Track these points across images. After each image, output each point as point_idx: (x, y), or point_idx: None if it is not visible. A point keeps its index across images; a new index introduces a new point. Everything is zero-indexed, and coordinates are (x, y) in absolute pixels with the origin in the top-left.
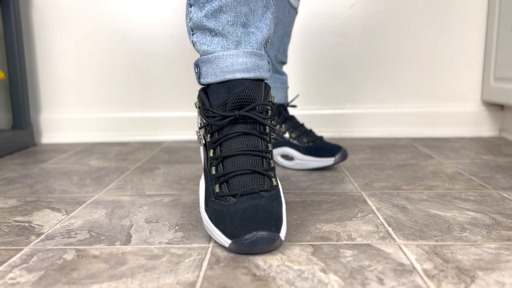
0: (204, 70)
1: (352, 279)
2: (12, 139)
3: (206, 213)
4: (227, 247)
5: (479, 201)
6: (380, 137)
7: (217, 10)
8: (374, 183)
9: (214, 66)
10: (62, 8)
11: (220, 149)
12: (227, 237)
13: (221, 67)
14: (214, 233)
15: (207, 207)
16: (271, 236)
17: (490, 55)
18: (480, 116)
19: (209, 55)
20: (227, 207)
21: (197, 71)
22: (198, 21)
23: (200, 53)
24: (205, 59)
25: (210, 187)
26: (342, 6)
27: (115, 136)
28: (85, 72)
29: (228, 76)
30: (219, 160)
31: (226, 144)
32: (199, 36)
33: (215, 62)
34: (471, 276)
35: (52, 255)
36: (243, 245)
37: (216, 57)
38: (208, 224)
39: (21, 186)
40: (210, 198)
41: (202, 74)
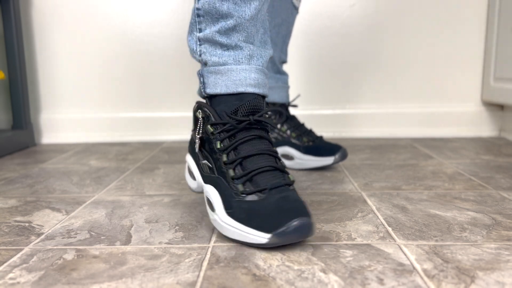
0: (211, 81)
1: (352, 279)
2: (12, 139)
3: (230, 216)
4: (266, 242)
5: (479, 201)
6: (380, 137)
7: (231, 29)
8: (374, 183)
9: (225, 78)
10: (62, 8)
11: (236, 152)
12: (265, 232)
13: (234, 80)
14: (245, 233)
15: (231, 210)
16: (311, 221)
17: (490, 55)
18: (480, 116)
19: (220, 66)
20: (258, 203)
21: (202, 81)
22: (210, 35)
23: (209, 64)
24: (214, 70)
25: (228, 190)
26: (342, 6)
27: (115, 136)
28: (85, 72)
29: (241, 89)
30: (237, 162)
31: (242, 147)
32: (208, 47)
33: (227, 74)
34: (471, 276)
35: (52, 255)
36: (286, 235)
37: (229, 70)
38: (235, 227)
39: (21, 186)
40: (232, 199)
41: (208, 85)
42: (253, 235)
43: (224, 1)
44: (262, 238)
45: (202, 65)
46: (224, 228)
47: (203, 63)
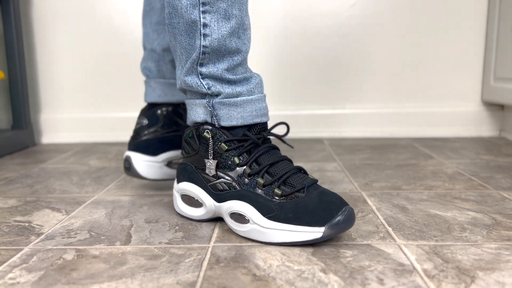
0: (224, 113)
1: (352, 279)
2: (12, 139)
3: (274, 220)
4: (321, 236)
5: (479, 201)
6: (380, 137)
7: (238, 65)
8: (374, 183)
9: (240, 109)
10: (62, 8)
11: (257, 163)
12: (318, 226)
13: (250, 111)
14: (297, 232)
15: (272, 213)
16: (353, 210)
17: (490, 55)
18: (480, 116)
19: (234, 98)
20: (302, 201)
21: (215, 114)
22: (218, 73)
23: (222, 95)
24: (228, 102)
25: (261, 197)
26: (342, 6)
27: (115, 136)
28: (85, 72)
29: (257, 120)
30: (264, 170)
31: (262, 158)
32: (215, 82)
33: (242, 106)
34: (471, 276)
35: (52, 255)
36: (340, 225)
37: (244, 102)
38: (283, 229)
39: (21, 186)
40: (271, 204)
41: (222, 117)
42: (307, 231)
43: (232, 38)
44: (317, 233)
45: (209, 96)
46: (268, 234)
47: (211, 95)
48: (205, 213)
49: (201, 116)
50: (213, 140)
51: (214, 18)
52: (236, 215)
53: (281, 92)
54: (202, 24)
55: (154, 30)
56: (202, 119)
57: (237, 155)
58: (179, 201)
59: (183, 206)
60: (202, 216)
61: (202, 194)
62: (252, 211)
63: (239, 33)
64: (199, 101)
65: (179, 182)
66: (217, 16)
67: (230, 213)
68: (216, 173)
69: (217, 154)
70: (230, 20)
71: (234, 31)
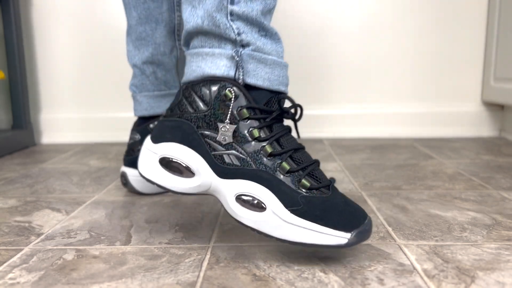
0: (252, 68)
1: (352, 279)
2: (12, 139)
3: (298, 215)
4: (346, 243)
5: (479, 201)
6: (380, 137)
7: (270, 10)
8: (374, 183)
9: (268, 70)
10: (62, 8)
11: (279, 144)
12: (345, 231)
13: (277, 75)
14: (322, 233)
15: (297, 207)
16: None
17: (490, 55)
18: (480, 116)
19: (266, 55)
20: (330, 199)
21: (241, 66)
22: (252, 13)
23: (252, 47)
24: (259, 57)
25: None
26: (342, 6)
27: (115, 136)
28: (85, 72)
29: (282, 88)
30: (288, 154)
31: (284, 139)
32: (244, 27)
33: (271, 66)
34: (471, 276)
35: (52, 255)
36: (364, 234)
37: (274, 62)
38: (307, 227)
39: (21, 186)
40: (297, 195)
41: (249, 72)
42: (332, 235)
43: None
44: (343, 238)
45: (238, 46)
46: (286, 229)
47: (239, 45)
48: (197, 187)
49: (221, 68)
50: (234, 102)
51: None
52: (245, 199)
53: None
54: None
55: (135, 46)
56: (222, 73)
57: (258, 127)
58: (156, 166)
59: (161, 173)
60: (191, 189)
61: (200, 162)
62: (272, 199)
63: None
64: (221, 51)
65: (160, 141)
66: None
67: (238, 195)
68: (232, 142)
69: (233, 120)
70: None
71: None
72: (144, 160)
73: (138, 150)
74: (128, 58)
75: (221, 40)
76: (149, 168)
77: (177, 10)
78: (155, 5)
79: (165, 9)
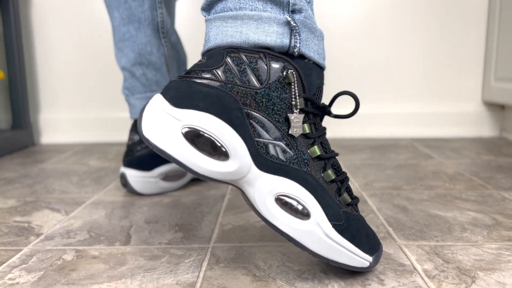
0: (304, 38)
1: (352, 280)
2: (12, 139)
3: (339, 232)
4: (368, 265)
5: (480, 201)
6: (380, 137)
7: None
8: (374, 183)
9: (317, 42)
10: (62, 8)
11: (323, 146)
12: (369, 254)
13: (322, 48)
14: (352, 254)
15: (340, 222)
16: None
17: (490, 55)
18: (481, 116)
19: (315, 25)
20: (360, 219)
21: (297, 32)
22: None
23: (303, 14)
24: (310, 26)
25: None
26: (342, 6)
27: (115, 136)
28: (85, 72)
29: (323, 63)
30: (332, 161)
31: (325, 142)
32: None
33: (319, 38)
34: (472, 276)
35: (51, 255)
36: (379, 257)
37: (320, 34)
38: (343, 246)
39: (20, 186)
40: (339, 209)
41: (303, 41)
42: (360, 257)
43: None
44: (366, 262)
45: (289, 12)
46: (326, 245)
47: (290, 10)
48: (228, 173)
49: (271, 35)
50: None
51: None
52: (288, 201)
53: None
54: None
55: (119, 48)
56: (274, 41)
57: (308, 122)
58: (177, 136)
59: (184, 146)
60: (219, 175)
61: (240, 145)
62: (318, 208)
63: None
64: (270, 14)
65: (188, 107)
66: None
67: (279, 195)
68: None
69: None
70: None
71: None
72: (156, 124)
73: (137, 151)
74: (116, 61)
75: (266, 2)
76: (166, 136)
77: (159, 7)
78: (136, 3)
79: (147, 7)
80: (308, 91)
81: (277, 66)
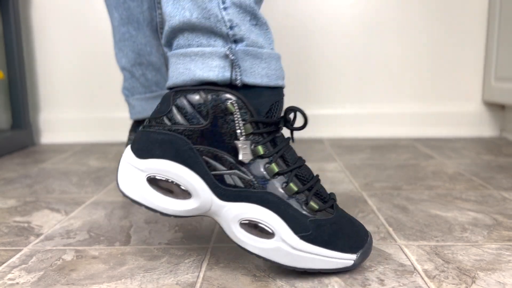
0: (248, 66)
1: (352, 280)
2: (12, 139)
3: (308, 241)
4: (352, 264)
5: (480, 201)
6: (381, 137)
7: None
8: (374, 183)
9: (265, 65)
10: (62, 8)
11: (283, 161)
12: (351, 253)
13: (274, 69)
14: (330, 258)
15: (307, 232)
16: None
17: (491, 55)
18: (481, 116)
19: (260, 49)
20: (336, 221)
21: (237, 65)
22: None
23: (246, 42)
24: (254, 53)
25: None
26: (342, 6)
27: (115, 136)
28: (85, 72)
29: (280, 83)
30: (294, 173)
31: (287, 154)
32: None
33: (267, 60)
34: (472, 276)
35: (51, 255)
36: (367, 252)
37: (270, 56)
38: (316, 253)
39: (20, 186)
40: (306, 219)
41: (246, 71)
42: (339, 258)
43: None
44: (349, 261)
45: (231, 42)
46: (295, 257)
47: (231, 40)
48: (194, 209)
49: (214, 70)
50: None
51: None
52: (252, 225)
53: None
54: None
55: (119, 48)
56: (217, 75)
57: (262, 142)
58: (143, 185)
59: (150, 193)
60: (187, 212)
61: (198, 183)
62: (281, 224)
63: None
64: (212, 49)
65: (147, 157)
66: None
67: (242, 220)
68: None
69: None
70: None
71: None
72: (126, 177)
73: None
74: (116, 61)
75: (210, 36)
76: (134, 187)
77: (158, 8)
78: (135, 4)
79: (146, 7)
80: (257, 113)
81: (218, 100)
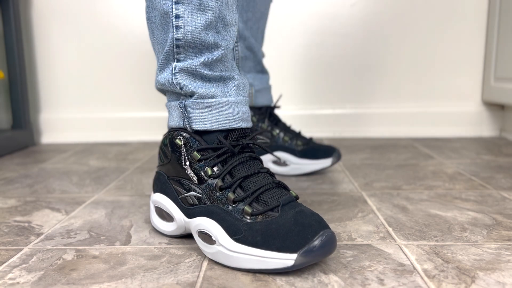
0: (197, 115)
1: (352, 280)
2: (12, 139)
3: (240, 243)
4: (293, 264)
5: (480, 201)
6: (380, 137)
7: (217, 60)
8: (374, 183)
9: (215, 112)
10: (62, 8)
11: (231, 176)
12: (290, 252)
13: (226, 114)
14: (265, 258)
15: (240, 235)
16: (334, 234)
17: (490, 55)
18: (481, 116)
19: (209, 99)
20: (274, 222)
21: (186, 115)
22: (193, 66)
23: (195, 96)
24: (202, 104)
25: (230, 215)
26: (342, 6)
27: (115, 136)
28: (85, 72)
29: (235, 125)
30: (237, 184)
31: (237, 169)
32: (186, 78)
33: (217, 108)
34: (472, 276)
35: (51, 255)
36: (315, 252)
37: (219, 103)
38: (250, 253)
39: (20, 186)
40: (239, 223)
41: (195, 119)
42: (276, 258)
43: (208, 31)
44: (288, 260)
45: (183, 97)
46: (234, 258)
47: (183, 96)
48: (176, 229)
49: (175, 119)
50: (185, 148)
51: (188, 9)
52: (203, 234)
53: (280, 92)
54: (174, 15)
55: None
56: (176, 123)
57: (211, 165)
58: (153, 214)
59: (156, 219)
60: (173, 232)
61: (172, 207)
62: (218, 230)
63: (218, 27)
64: (174, 103)
65: (154, 192)
66: (191, 7)
67: (198, 231)
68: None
69: (190, 164)
70: (205, 12)
71: (210, 24)
72: (150, 211)
73: None
74: None
75: (172, 95)
76: (151, 216)
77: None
78: None
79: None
80: (208, 142)
81: (172, 138)
